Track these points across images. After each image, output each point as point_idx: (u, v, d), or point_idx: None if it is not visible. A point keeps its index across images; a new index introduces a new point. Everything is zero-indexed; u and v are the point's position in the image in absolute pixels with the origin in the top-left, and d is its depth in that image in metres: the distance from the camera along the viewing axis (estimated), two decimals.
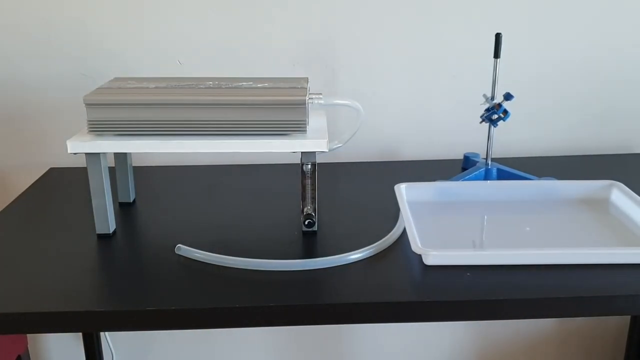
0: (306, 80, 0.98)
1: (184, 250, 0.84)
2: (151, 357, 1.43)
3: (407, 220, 0.87)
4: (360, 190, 1.08)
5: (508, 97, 1.01)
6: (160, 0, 1.18)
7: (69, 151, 0.86)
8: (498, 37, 1.01)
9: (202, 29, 1.19)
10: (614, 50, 1.25)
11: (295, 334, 1.43)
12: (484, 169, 1.08)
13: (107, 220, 0.90)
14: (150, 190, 1.09)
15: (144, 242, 0.89)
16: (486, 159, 1.09)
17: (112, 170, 0.94)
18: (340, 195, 1.06)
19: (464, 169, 1.15)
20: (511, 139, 1.28)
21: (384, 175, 1.15)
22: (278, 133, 0.87)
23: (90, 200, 0.89)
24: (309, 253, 0.85)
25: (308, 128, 0.89)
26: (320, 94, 0.93)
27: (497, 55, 1.01)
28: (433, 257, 0.79)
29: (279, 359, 1.45)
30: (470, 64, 1.23)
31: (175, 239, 0.88)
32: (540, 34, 1.23)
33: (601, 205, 0.98)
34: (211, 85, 0.93)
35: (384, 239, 0.86)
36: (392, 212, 0.96)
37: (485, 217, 0.95)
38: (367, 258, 0.83)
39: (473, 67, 1.23)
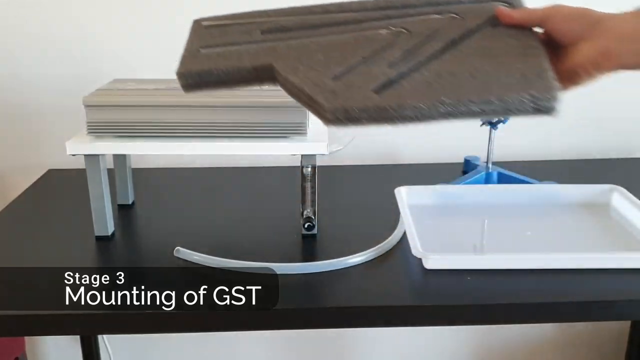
0: None
1: (183, 253, 0.83)
2: None
3: (408, 223, 0.86)
4: (361, 193, 1.08)
5: None
6: (160, 2, 1.17)
7: (67, 153, 0.85)
8: None
9: None
10: None
11: (294, 337, 1.43)
12: (484, 172, 1.07)
13: (105, 222, 0.89)
14: (150, 192, 1.09)
15: (142, 245, 0.89)
16: (487, 162, 1.08)
17: (111, 172, 0.93)
18: (340, 198, 1.06)
19: (464, 173, 1.15)
20: (512, 142, 1.27)
21: (385, 178, 1.15)
22: (278, 135, 0.86)
23: (89, 202, 0.88)
24: (309, 256, 0.84)
25: (308, 130, 0.88)
26: None
27: None
28: (433, 261, 0.79)
29: None
30: None
31: (174, 241, 0.87)
32: None
33: (602, 209, 0.97)
34: None
35: (384, 243, 0.86)
36: (393, 216, 0.95)
37: (486, 221, 0.95)
38: (367, 262, 0.83)
39: None
